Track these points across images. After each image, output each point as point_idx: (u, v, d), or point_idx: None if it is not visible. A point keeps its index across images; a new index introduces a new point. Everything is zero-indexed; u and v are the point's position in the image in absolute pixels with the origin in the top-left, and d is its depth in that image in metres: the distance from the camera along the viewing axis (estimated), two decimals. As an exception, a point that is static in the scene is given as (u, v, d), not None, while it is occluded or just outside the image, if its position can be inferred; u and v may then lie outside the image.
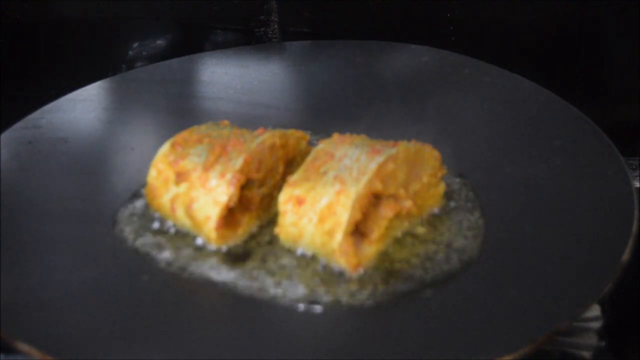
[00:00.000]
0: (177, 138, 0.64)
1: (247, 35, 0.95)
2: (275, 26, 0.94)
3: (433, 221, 0.64)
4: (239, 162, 0.60)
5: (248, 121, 0.73)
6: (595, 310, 0.62)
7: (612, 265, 0.54)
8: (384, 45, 0.87)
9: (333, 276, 0.58)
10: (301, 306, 0.56)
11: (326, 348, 0.53)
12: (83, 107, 0.78)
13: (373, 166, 0.58)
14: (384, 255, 0.60)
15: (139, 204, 0.66)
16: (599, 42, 0.88)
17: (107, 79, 0.83)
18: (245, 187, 0.61)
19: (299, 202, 0.58)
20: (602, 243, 0.57)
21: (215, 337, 0.54)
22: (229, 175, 0.60)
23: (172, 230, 0.63)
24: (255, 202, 0.62)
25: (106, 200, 0.67)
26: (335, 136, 0.63)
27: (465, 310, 0.54)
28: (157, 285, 0.59)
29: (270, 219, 0.63)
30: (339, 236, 0.57)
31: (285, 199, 0.59)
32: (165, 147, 0.64)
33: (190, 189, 0.61)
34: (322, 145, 0.62)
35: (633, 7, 0.84)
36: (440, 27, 0.91)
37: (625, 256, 0.54)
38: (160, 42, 0.95)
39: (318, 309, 0.56)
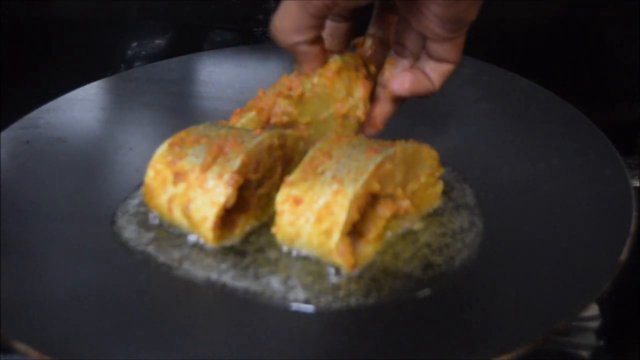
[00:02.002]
0: (175, 138, 0.64)
1: (245, 35, 0.95)
2: (274, 26, 0.94)
3: (431, 221, 0.64)
4: (236, 163, 0.60)
5: (246, 121, 0.73)
6: (593, 310, 0.62)
7: (611, 264, 0.54)
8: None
9: (330, 276, 0.58)
10: (298, 306, 0.56)
11: (324, 348, 0.53)
12: (81, 107, 0.78)
13: (371, 166, 0.58)
14: (381, 255, 0.60)
15: (136, 203, 0.66)
16: (599, 42, 0.88)
17: (106, 79, 0.83)
18: (243, 187, 0.61)
19: (297, 202, 0.58)
20: (600, 242, 0.57)
21: (212, 336, 0.54)
22: (226, 176, 0.60)
23: (170, 230, 0.63)
24: (252, 202, 0.62)
25: (104, 199, 0.67)
26: (333, 135, 0.63)
27: (464, 309, 0.55)
28: (155, 284, 0.59)
29: (268, 218, 0.63)
30: (336, 236, 0.57)
31: (282, 199, 0.59)
32: (163, 148, 0.63)
33: (187, 190, 0.61)
34: (320, 145, 0.62)
35: (633, 7, 0.84)
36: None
37: (624, 255, 0.54)
38: (158, 42, 0.95)
39: (315, 309, 0.55)
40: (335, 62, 0.65)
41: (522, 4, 0.88)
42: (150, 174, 0.63)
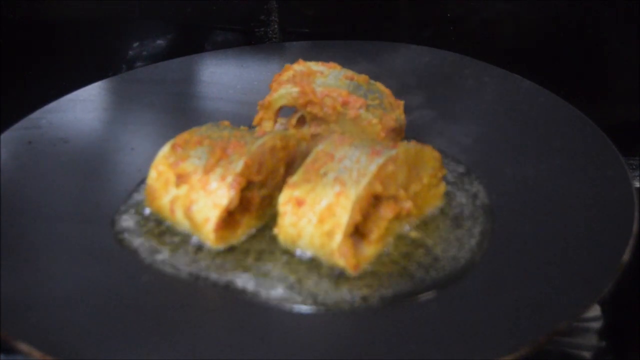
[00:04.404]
0: (177, 140, 0.64)
1: (247, 36, 0.95)
2: (275, 26, 0.94)
3: (433, 222, 0.64)
4: (239, 165, 0.60)
5: (248, 121, 0.73)
6: (595, 311, 0.62)
7: (612, 265, 0.54)
8: (384, 45, 0.87)
9: (332, 277, 0.58)
10: (300, 307, 0.56)
11: (325, 349, 0.53)
12: (83, 108, 0.78)
13: (373, 168, 0.58)
14: (383, 256, 0.60)
15: (138, 204, 0.66)
16: (599, 42, 0.88)
17: (107, 79, 0.83)
18: (245, 188, 0.61)
19: (299, 203, 0.58)
20: (602, 243, 0.57)
21: (213, 337, 0.54)
22: (229, 178, 0.60)
23: (171, 231, 0.63)
24: (255, 203, 0.62)
25: (106, 200, 0.67)
26: (335, 137, 0.63)
27: (466, 310, 0.55)
28: (156, 285, 0.59)
29: (270, 219, 0.63)
30: (338, 237, 0.57)
31: (285, 200, 0.59)
32: (166, 149, 0.64)
33: (190, 191, 0.61)
34: (322, 146, 0.62)
35: (633, 7, 0.84)
36: (440, 27, 0.91)
37: (626, 256, 0.54)
38: (160, 42, 0.95)
39: (317, 310, 0.56)
40: (397, 120, 0.68)
41: (522, 4, 0.88)
42: (152, 175, 0.63)
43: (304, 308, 0.56)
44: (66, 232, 0.63)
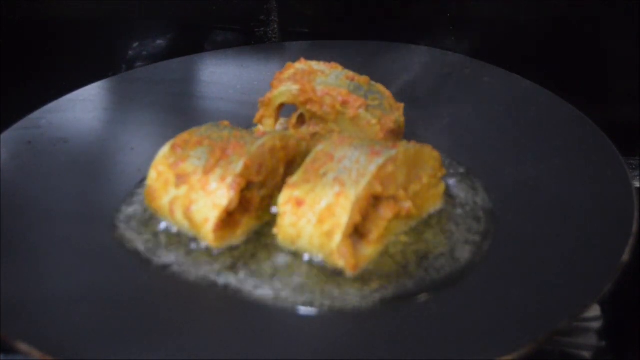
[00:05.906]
0: (177, 140, 0.64)
1: (247, 36, 0.95)
2: (275, 26, 0.94)
3: (433, 222, 0.64)
4: (239, 166, 0.60)
5: (248, 121, 0.73)
6: (595, 311, 0.62)
7: (612, 265, 0.54)
8: (384, 45, 0.87)
9: (331, 277, 0.58)
10: (299, 307, 0.56)
11: (325, 349, 0.53)
12: (83, 107, 0.78)
13: (372, 168, 0.58)
14: (383, 256, 0.60)
15: (138, 204, 0.66)
16: (599, 42, 0.88)
17: (107, 79, 0.83)
18: (245, 188, 0.61)
19: (299, 203, 0.58)
20: (602, 243, 0.57)
21: (213, 337, 0.54)
22: (229, 179, 0.60)
23: (171, 231, 0.63)
24: (255, 203, 0.62)
25: (106, 200, 0.67)
26: (335, 137, 0.63)
27: (466, 310, 0.55)
28: (156, 285, 0.59)
29: (270, 219, 0.63)
30: (337, 237, 0.57)
31: (284, 200, 0.59)
32: (165, 149, 0.64)
33: (190, 192, 0.61)
34: (322, 147, 0.62)
35: (633, 7, 0.84)
36: (440, 27, 0.91)
37: (625, 256, 0.54)
38: (160, 42, 0.95)
39: (316, 310, 0.55)
40: (396, 122, 0.68)
41: (522, 4, 0.88)
42: (152, 175, 0.63)
43: (304, 308, 0.56)
44: (66, 231, 0.63)
